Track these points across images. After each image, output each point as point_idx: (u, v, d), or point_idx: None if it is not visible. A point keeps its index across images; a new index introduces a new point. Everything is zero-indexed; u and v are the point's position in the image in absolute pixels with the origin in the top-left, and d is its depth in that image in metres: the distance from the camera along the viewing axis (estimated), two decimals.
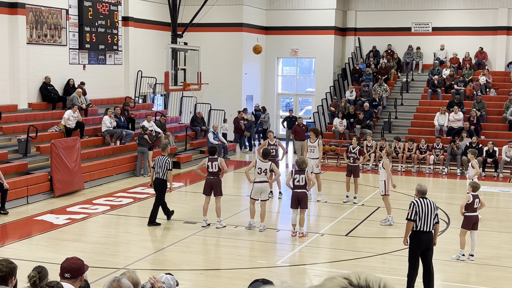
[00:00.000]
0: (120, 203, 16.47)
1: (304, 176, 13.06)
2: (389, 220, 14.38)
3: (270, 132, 17.34)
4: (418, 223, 9.50)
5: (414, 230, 9.56)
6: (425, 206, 9.53)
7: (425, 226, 9.49)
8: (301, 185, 13.08)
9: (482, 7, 28.34)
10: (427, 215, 9.49)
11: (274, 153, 17.09)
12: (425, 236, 9.52)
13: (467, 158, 21.71)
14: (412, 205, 9.59)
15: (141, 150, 20.31)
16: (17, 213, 15.12)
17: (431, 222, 9.52)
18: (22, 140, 17.88)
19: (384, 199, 14.46)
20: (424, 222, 9.48)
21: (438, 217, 9.67)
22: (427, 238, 9.53)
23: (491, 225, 14.55)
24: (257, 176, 13.66)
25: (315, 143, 16.72)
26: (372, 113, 25.66)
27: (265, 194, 13.72)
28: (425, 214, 9.48)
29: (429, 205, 9.58)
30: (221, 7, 27.65)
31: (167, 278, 5.74)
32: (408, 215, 9.56)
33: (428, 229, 9.51)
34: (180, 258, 11.70)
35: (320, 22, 29.71)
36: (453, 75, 27.18)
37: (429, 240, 9.56)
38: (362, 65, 29.31)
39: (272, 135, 17.17)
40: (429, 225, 9.51)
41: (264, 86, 31.30)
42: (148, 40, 26.51)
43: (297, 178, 13.09)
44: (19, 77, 19.90)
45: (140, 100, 26.09)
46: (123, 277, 4.61)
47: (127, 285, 4.50)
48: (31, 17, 20.21)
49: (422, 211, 9.49)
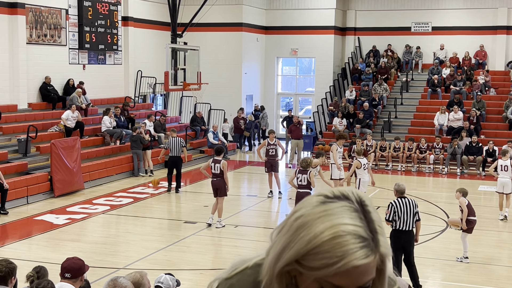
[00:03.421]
0: (120, 203, 16.47)
1: (306, 176, 13.14)
2: None
3: (272, 133, 17.32)
4: (397, 223, 9.60)
5: (394, 229, 9.69)
6: (404, 206, 9.59)
7: (405, 225, 9.60)
8: (303, 184, 13.15)
9: (482, 7, 28.33)
10: (407, 214, 9.56)
11: (274, 152, 17.09)
12: (404, 235, 9.65)
13: (467, 158, 21.77)
14: (390, 206, 9.66)
15: (134, 152, 20.19)
16: (17, 213, 15.12)
17: (411, 221, 9.60)
18: (22, 140, 17.87)
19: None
20: (403, 221, 9.57)
21: (419, 215, 9.72)
22: (406, 237, 9.66)
23: (491, 225, 14.55)
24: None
25: (341, 149, 16.76)
26: (372, 113, 25.66)
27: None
28: (403, 213, 9.56)
29: (408, 204, 9.62)
30: (221, 7, 27.64)
31: (166, 279, 5.73)
32: (386, 215, 9.63)
33: (407, 228, 9.62)
34: (180, 258, 11.69)
35: (320, 21, 29.70)
36: (453, 74, 27.18)
37: (409, 239, 9.65)
38: (362, 65, 29.31)
39: (273, 135, 17.18)
40: (408, 224, 9.61)
41: (264, 86, 31.30)
42: (148, 40, 26.51)
43: (299, 178, 13.19)
44: (19, 77, 19.89)
45: (140, 100, 26.08)
46: (120, 277, 4.61)
47: (123, 284, 4.52)
48: (31, 17, 20.21)
49: (401, 210, 9.56)
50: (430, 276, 10.81)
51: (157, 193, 17.96)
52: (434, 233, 13.42)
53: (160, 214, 15.64)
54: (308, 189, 13.13)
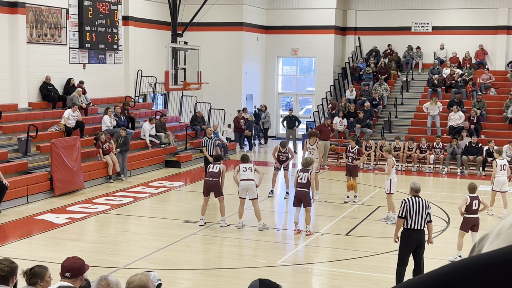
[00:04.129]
0: (120, 203, 16.47)
1: (307, 174, 13.16)
2: (389, 217, 14.41)
3: (283, 146, 17.16)
4: (409, 221, 9.57)
5: (405, 227, 9.65)
6: (417, 205, 9.58)
7: (416, 224, 9.56)
8: (303, 183, 13.14)
9: (482, 7, 28.34)
10: (419, 214, 9.55)
11: (284, 159, 17.11)
12: (416, 234, 9.60)
13: (467, 157, 21.76)
14: (403, 203, 9.66)
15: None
16: (17, 213, 15.12)
17: (422, 220, 9.57)
18: (22, 140, 17.87)
19: (387, 197, 14.48)
20: (415, 220, 9.54)
21: (430, 216, 9.70)
22: (417, 236, 9.62)
23: (491, 225, 14.54)
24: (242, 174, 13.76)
25: (314, 146, 16.75)
26: (372, 113, 25.66)
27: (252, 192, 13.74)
28: (416, 212, 9.54)
29: (421, 203, 9.62)
30: (221, 7, 27.65)
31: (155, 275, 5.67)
32: (400, 212, 9.63)
33: (419, 227, 9.58)
34: (180, 258, 11.69)
35: (320, 21, 29.71)
36: (453, 74, 27.18)
37: (420, 238, 9.64)
38: (362, 65, 29.31)
39: (284, 147, 17.08)
40: (420, 223, 9.57)
41: (264, 85, 31.31)
42: (148, 40, 26.51)
43: (300, 176, 13.20)
44: (19, 76, 19.89)
45: (140, 99, 26.09)
46: (109, 275, 4.67)
47: (114, 282, 4.56)
48: (31, 17, 20.21)
49: (413, 209, 9.55)
50: None
51: (157, 192, 17.96)
52: (434, 233, 13.40)
53: (160, 213, 15.64)
54: (306, 188, 13.13)
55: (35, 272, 5.50)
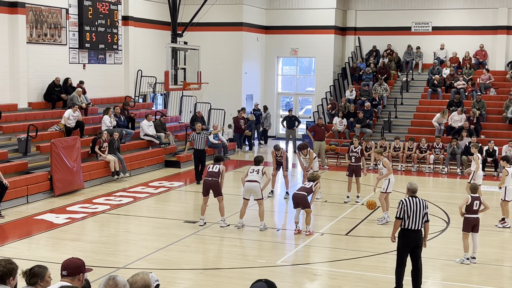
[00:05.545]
0: (120, 203, 16.47)
1: (312, 184, 13.45)
2: (385, 218, 14.43)
3: (277, 150, 17.14)
4: (406, 221, 9.58)
5: (402, 228, 9.66)
6: (414, 205, 9.59)
7: (414, 224, 9.56)
8: (306, 187, 13.48)
9: (482, 7, 28.35)
10: (416, 214, 9.55)
11: (281, 160, 17.14)
12: (413, 234, 9.61)
13: (467, 157, 21.75)
14: (400, 204, 9.66)
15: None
16: (17, 213, 15.12)
17: (420, 220, 9.58)
18: (22, 140, 17.87)
19: (384, 196, 14.45)
20: (412, 220, 9.55)
21: (427, 216, 9.70)
22: (415, 236, 9.63)
23: (491, 225, 14.54)
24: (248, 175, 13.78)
25: (307, 156, 16.69)
26: (372, 113, 25.66)
27: (256, 194, 13.74)
28: (413, 212, 9.55)
29: (418, 203, 9.62)
30: (221, 7, 27.67)
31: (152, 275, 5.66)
32: (397, 213, 9.64)
33: (416, 228, 9.58)
34: (180, 258, 11.69)
35: (320, 21, 29.73)
36: (453, 74, 27.19)
37: (417, 238, 9.64)
38: (362, 65, 29.31)
39: (280, 151, 17.09)
40: (417, 224, 9.57)
41: (264, 85, 31.31)
42: (148, 40, 26.51)
43: (306, 184, 13.56)
44: (19, 76, 19.89)
45: (140, 99, 26.10)
46: (118, 276, 4.63)
47: (122, 283, 4.53)
48: (31, 17, 20.21)
49: (411, 209, 9.55)
50: (430, 276, 10.81)
51: (157, 192, 17.96)
52: (434, 233, 13.42)
53: (160, 213, 15.64)
54: (306, 192, 13.30)
55: (35, 272, 5.49)
